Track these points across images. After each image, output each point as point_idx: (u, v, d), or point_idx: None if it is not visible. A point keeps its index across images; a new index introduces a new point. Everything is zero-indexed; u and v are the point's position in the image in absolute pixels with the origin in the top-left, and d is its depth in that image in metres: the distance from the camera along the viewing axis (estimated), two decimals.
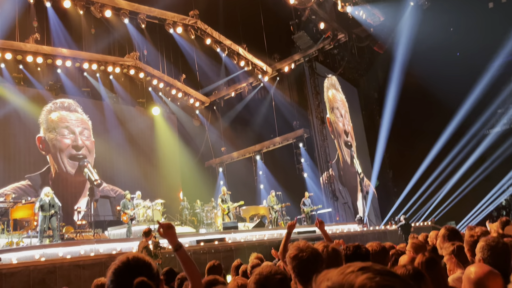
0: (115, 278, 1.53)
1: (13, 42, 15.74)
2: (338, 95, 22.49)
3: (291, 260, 2.23)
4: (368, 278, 0.76)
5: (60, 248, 9.56)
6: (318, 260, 2.22)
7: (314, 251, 2.25)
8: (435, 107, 20.48)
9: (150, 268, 1.58)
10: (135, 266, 1.55)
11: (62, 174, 17.69)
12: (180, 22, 17.70)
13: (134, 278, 1.51)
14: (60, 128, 17.96)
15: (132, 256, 1.59)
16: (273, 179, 20.59)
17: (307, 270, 2.17)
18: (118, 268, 1.55)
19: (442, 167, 20.81)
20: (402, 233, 14.64)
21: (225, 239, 11.95)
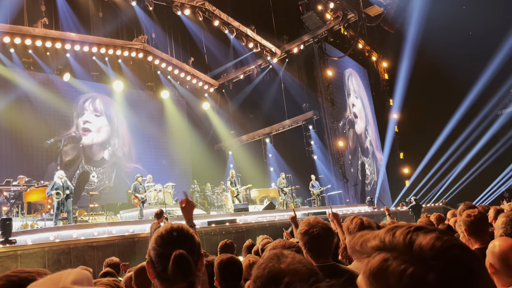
0: (157, 246, 1.51)
1: (21, 27, 15.75)
2: (354, 78, 22.29)
3: (302, 236, 2.23)
4: (435, 238, 0.65)
5: (73, 230, 9.71)
6: (329, 235, 2.22)
7: (324, 225, 2.24)
8: (446, 87, 20.20)
9: (192, 241, 1.56)
10: (178, 237, 1.54)
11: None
12: (188, 4, 17.55)
13: (175, 248, 1.49)
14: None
15: (176, 226, 1.57)
16: (283, 162, 20.58)
17: (318, 245, 2.17)
18: (161, 236, 1.53)
19: (453, 148, 20.63)
20: (413, 214, 14.62)
21: (236, 221, 12.03)
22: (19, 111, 16.63)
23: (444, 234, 0.67)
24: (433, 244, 0.64)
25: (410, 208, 15.10)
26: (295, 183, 17.89)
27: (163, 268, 1.47)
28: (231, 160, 22.97)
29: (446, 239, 0.65)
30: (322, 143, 19.97)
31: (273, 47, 20.57)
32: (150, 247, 1.55)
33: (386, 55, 23.78)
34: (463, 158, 20.70)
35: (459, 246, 0.66)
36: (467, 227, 2.96)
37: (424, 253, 0.64)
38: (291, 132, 21.14)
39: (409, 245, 0.65)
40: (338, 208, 16.40)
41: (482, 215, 3.00)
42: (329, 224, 2.40)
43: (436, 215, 5.26)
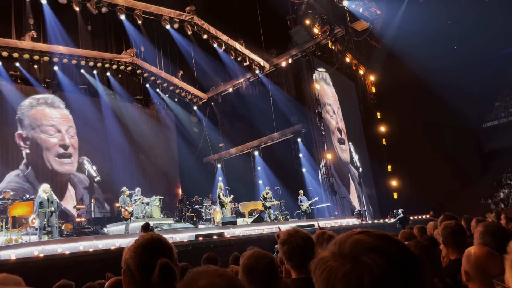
0: (137, 254, 1.48)
1: (9, 40, 15.69)
2: (328, 89, 22.39)
3: (282, 246, 2.25)
4: (360, 240, 0.78)
5: (59, 244, 9.57)
6: (309, 245, 2.24)
7: (304, 236, 2.26)
8: (432, 100, 20.53)
9: (171, 251, 1.55)
10: (159, 246, 1.52)
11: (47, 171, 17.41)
12: (177, 18, 17.67)
13: (156, 257, 1.48)
14: (45, 126, 17.50)
15: (156, 236, 1.56)
16: (271, 174, 20.60)
17: (298, 255, 2.19)
18: (141, 245, 1.50)
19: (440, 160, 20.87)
20: (400, 226, 14.69)
21: (224, 234, 11.98)
22: (5, 124, 16.49)
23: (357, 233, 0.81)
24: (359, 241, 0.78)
25: (397, 220, 15.19)
26: (283, 195, 17.89)
27: (144, 277, 1.46)
28: (220, 173, 22.92)
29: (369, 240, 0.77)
30: (310, 156, 20.06)
31: (261, 61, 20.76)
32: (128, 256, 1.52)
33: (373, 69, 24.12)
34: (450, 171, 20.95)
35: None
36: (444, 238, 3.00)
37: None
38: (280, 145, 21.22)
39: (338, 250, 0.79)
40: (327, 221, 16.42)
41: (459, 227, 3.06)
42: (310, 234, 2.42)
43: (418, 227, 5.32)
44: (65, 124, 18.16)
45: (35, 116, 17.46)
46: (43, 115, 17.65)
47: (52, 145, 17.52)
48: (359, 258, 0.74)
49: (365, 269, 0.72)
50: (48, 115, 17.77)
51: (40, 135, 17.37)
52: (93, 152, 18.62)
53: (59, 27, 16.57)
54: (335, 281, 0.74)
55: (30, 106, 17.41)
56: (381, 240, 0.78)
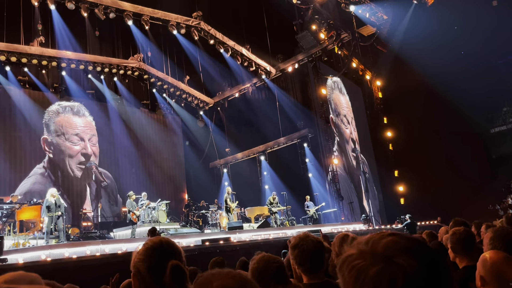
0: (147, 257, 1.49)
1: (18, 45, 15.86)
2: (343, 98, 22.41)
3: (292, 250, 2.25)
4: (392, 241, 0.78)
5: (66, 248, 9.60)
6: (319, 250, 2.23)
7: (315, 240, 2.25)
8: (439, 105, 20.41)
9: (181, 254, 1.56)
10: (168, 249, 1.53)
11: (69, 177, 17.76)
12: (184, 24, 17.78)
13: (166, 260, 1.48)
14: (70, 135, 18.03)
15: (165, 240, 1.57)
16: (277, 180, 20.57)
17: (309, 259, 2.18)
18: (151, 248, 1.51)
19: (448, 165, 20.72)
20: (408, 232, 14.58)
21: (230, 239, 11.95)
22: (14, 129, 16.64)
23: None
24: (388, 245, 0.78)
25: (405, 226, 15.07)
26: (290, 200, 17.84)
27: (155, 279, 1.47)
28: (226, 178, 22.92)
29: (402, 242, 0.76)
30: (317, 161, 20.00)
31: (268, 66, 20.80)
32: (137, 259, 1.53)
33: (380, 74, 24.05)
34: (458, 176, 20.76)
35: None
36: (453, 245, 2.97)
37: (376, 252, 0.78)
38: (286, 150, 21.19)
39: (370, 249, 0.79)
40: (333, 226, 16.34)
41: (468, 233, 3.02)
42: (320, 239, 2.41)
43: (427, 232, 5.27)
44: (89, 132, 18.57)
45: (61, 123, 17.91)
46: (68, 123, 18.09)
47: (75, 153, 17.93)
48: (392, 258, 0.75)
49: (398, 270, 0.74)
50: (73, 123, 18.21)
51: (65, 142, 17.81)
52: (101, 156, 18.73)
53: (67, 32, 16.72)
54: (365, 279, 0.74)
55: (56, 113, 17.85)
56: (413, 242, 0.80)
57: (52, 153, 17.50)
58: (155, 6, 17.19)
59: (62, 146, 17.74)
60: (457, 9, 20.02)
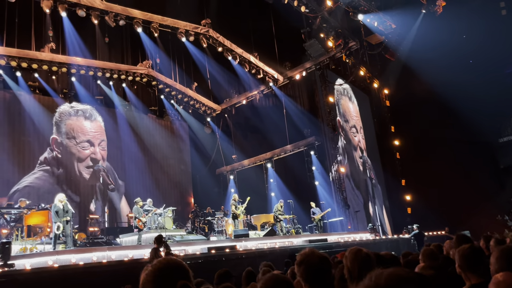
0: (155, 278, 1.51)
1: (29, 51, 16.05)
2: (352, 106, 22.39)
3: (298, 267, 2.24)
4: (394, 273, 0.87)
5: (72, 254, 9.65)
6: (325, 266, 2.22)
7: (321, 256, 2.25)
8: (448, 115, 20.30)
9: (188, 274, 1.58)
10: (176, 269, 1.55)
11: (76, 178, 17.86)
12: (192, 31, 17.90)
13: (175, 280, 1.50)
14: (81, 140, 18.22)
15: (172, 260, 1.59)
16: (284, 187, 20.55)
17: (314, 276, 2.18)
18: (158, 269, 1.53)
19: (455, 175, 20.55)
20: (415, 242, 14.47)
21: (236, 247, 11.94)
22: (23, 133, 16.80)
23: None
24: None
25: (412, 236, 14.94)
26: (296, 208, 17.80)
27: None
28: (232, 185, 22.94)
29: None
30: (323, 169, 19.97)
31: (275, 74, 20.85)
32: (146, 280, 1.54)
33: (387, 82, 24.00)
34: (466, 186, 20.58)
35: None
36: (460, 263, 2.96)
37: None
38: (293, 157, 21.18)
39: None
40: (340, 235, 16.26)
41: (473, 250, 3.00)
42: (325, 255, 2.40)
43: (435, 246, 5.22)
44: (99, 137, 18.80)
45: (73, 127, 18.12)
46: (80, 128, 18.31)
47: (84, 157, 18.16)
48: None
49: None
50: (85, 129, 18.44)
51: (75, 146, 18.04)
52: (108, 161, 18.85)
53: (78, 39, 16.90)
54: None
55: (68, 115, 18.05)
56: (412, 274, 0.86)
57: (60, 153, 17.64)
58: (165, 13, 17.33)
59: (72, 149, 17.91)
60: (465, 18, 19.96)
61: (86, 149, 18.25)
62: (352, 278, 2.60)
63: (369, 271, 2.55)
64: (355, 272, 2.56)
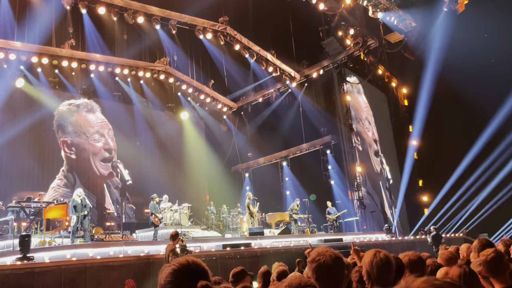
0: (175, 279, 1.50)
1: (49, 48, 16.30)
2: (360, 98, 22.12)
3: (310, 264, 2.20)
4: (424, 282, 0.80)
5: (90, 248, 9.78)
6: (338, 265, 2.18)
7: (333, 255, 2.21)
8: (468, 115, 19.91)
9: (208, 275, 1.56)
10: (196, 269, 1.54)
11: (93, 177, 18.13)
12: (210, 28, 17.92)
13: (194, 281, 1.49)
14: (91, 133, 18.37)
15: (192, 260, 1.57)
16: (299, 186, 20.47)
17: (326, 274, 2.13)
18: (178, 270, 1.52)
19: (475, 176, 20.19)
20: (433, 244, 14.25)
21: (251, 245, 11.94)
22: (44, 129, 17.09)
23: None
24: None
25: (431, 238, 14.68)
26: (311, 208, 17.72)
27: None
28: (247, 183, 22.96)
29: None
30: (339, 168, 19.82)
31: (292, 72, 20.76)
32: (165, 281, 1.53)
33: (406, 82, 23.67)
34: (485, 188, 20.21)
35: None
36: (484, 268, 2.90)
37: None
38: (309, 156, 21.07)
39: None
40: (355, 235, 16.13)
41: (497, 254, 2.94)
42: (340, 254, 2.36)
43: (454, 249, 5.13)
44: (106, 127, 18.94)
45: (79, 122, 18.22)
46: (86, 122, 18.44)
47: (98, 150, 18.34)
48: None
49: None
50: (91, 121, 18.58)
51: (88, 141, 18.18)
52: (125, 157, 19.00)
53: (97, 35, 17.08)
54: None
55: (70, 112, 18.10)
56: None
57: (75, 154, 17.79)
58: (183, 10, 17.38)
59: (85, 145, 18.08)
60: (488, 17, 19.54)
61: (98, 141, 18.45)
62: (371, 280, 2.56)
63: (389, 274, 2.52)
64: (374, 275, 2.52)
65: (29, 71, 16.58)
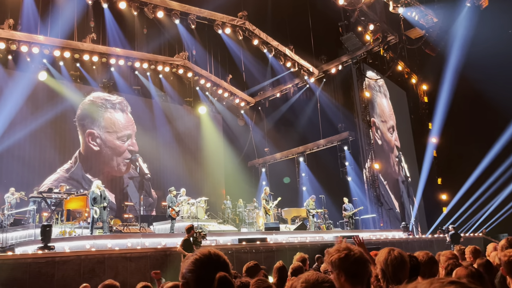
0: (196, 268, 1.53)
1: (71, 42, 16.59)
2: (386, 103, 21.95)
3: (341, 262, 2.17)
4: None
5: (108, 240, 9.97)
6: (366, 261, 2.17)
7: (358, 251, 2.21)
8: (490, 113, 19.52)
9: (228, 267, 1.59)
10: (216, 261, 1.57)
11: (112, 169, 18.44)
12: (229, 23, 17.94)
13: (214, 272, 1.52)
14: (122, 134, 18.80)
15: (214, 252, 1.60)
16: (316, 182, 20.40)
17: (358, 270, 2.12)
18: (199, 260, 1.55)
19: (495, 176, 19.80)
20: (451, 243, 14.06)
21: (266, 240, 11.99)
22: (64, 121, 17.43)
23: None
24: None
25: (450, 237, 14.49)
26: (327, 204, 17.66)
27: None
28: (264, 177, 23.00)
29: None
30: (357, 165, 19.68)
31: (310, 67, 20.65)
32: (186, 270, 1.57)
33: (426, 78, 23.33)
34: (506, 187, 19.81)
35: None
36: (505, 267, 2.87)
37: None
38: (326, 152, 20.98)
39: None
40: (372, 232, 16.04)
41: None
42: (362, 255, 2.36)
43: (471, 248, 5.03)
44: (132, 129, 19.34)
45: (113, 121, 18.74)
46: (120, 122, 18.94)
47: (123, 151, 18.81)
48: None
49: None
50: (123, 122, 19.04)
51: (116, 141, 18.63)
52: (144, 150, 19.29)
53: (118, 30, 17.31)
54: None
55: (104, 108, 18.55)
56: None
57: (98, 146, 18.15)
58: (202, 5, 17.44)
59: (111, 143, 18.47)
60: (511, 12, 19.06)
61: (125, 142, 18.79)
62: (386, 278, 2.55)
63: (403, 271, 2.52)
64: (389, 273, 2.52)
65: (52, 64, 16.91)
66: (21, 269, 7.47)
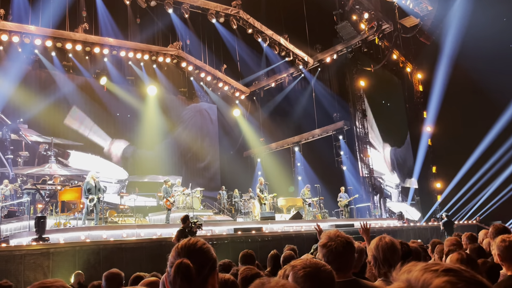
0: (171, 258, 1.55)
1: (63, 32, 16.39)
2: None
3: (321, 248, 2.23)
4: (448, 282, 0.69)
5: (104, 230, 9.96)
6: (348, 250, 2.21)
7: (344, 240, 2.23)
8: (484, 101, 19.57)
9: (203, 254, 1.54)
10: (187, 249, 1.55)
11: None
12: (223, 12, 17.81)
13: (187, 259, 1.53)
14: None
15: (193, 240, 1.59)
16: (311, 171, 20.44)
17: (336, 259, 2.16)
18: (175, 249, 1.57)
19: (489, 164, 19.93)
20: (444, 231, 14.19)
21: (262, 229, 12.03)
22: (57, 112, 17.29)
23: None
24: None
25: (443, 225, 14.62)
26: (323, 193, 17.70)
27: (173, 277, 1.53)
28: (259, 168, 23.00)
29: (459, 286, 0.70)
30: (352, 154, 19.71)
31: (305, 56, 20.56)
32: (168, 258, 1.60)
33: (421, 67, 23.31)
34: (499, 175, 19.96)
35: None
36: (501, 253, 2.88)
37: None
38: (321, 142, 20.98)
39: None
40: (367, 221, 16.11)
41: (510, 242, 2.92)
42: (351, 239, 2.38)
43: (467, 235, 5.10)
44: None
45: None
46: None
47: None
48: None
49: None
50: None
51: None
52: (137, 143, 19.20)
53: (110, 19, 17.12)
54: None
55: None
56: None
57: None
58: None
59: None
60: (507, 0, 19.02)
61: None
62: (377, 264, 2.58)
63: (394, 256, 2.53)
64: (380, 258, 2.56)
65: (44, 55, 16.71)
66: (16, 261, 7.44)
